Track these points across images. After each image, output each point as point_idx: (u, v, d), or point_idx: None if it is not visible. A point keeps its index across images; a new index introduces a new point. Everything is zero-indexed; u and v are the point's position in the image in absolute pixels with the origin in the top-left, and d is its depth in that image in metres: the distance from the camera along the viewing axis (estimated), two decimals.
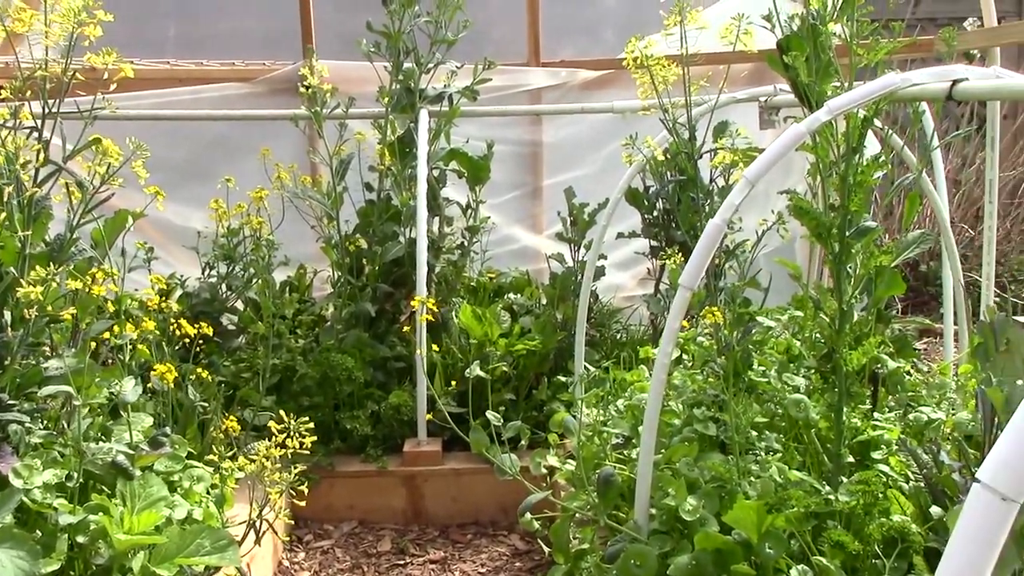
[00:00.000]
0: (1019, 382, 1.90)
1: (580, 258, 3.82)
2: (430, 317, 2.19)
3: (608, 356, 3.53)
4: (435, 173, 3.59)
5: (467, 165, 3.65)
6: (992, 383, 1.96)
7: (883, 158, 2.25)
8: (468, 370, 2.24)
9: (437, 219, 3.63)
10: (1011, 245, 5.34)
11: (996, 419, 1.96)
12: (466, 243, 3.75)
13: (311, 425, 2.23)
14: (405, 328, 2.61)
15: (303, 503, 2.39)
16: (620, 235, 3.76)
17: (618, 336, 3.85)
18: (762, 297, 3.30)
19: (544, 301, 3.80)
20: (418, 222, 3.24)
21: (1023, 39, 3.37)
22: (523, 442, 3.07)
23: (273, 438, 2.19)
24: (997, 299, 5.06)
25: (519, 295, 3.83)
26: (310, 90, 3.47)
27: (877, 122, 2.40)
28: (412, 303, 2.21)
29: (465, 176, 3.71)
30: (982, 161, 4.65)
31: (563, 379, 3.11)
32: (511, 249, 4.34)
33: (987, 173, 3.19)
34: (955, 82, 2.03)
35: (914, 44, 3.04)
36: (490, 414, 2.08)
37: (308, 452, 2.25)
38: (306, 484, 2.26)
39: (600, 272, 3.74)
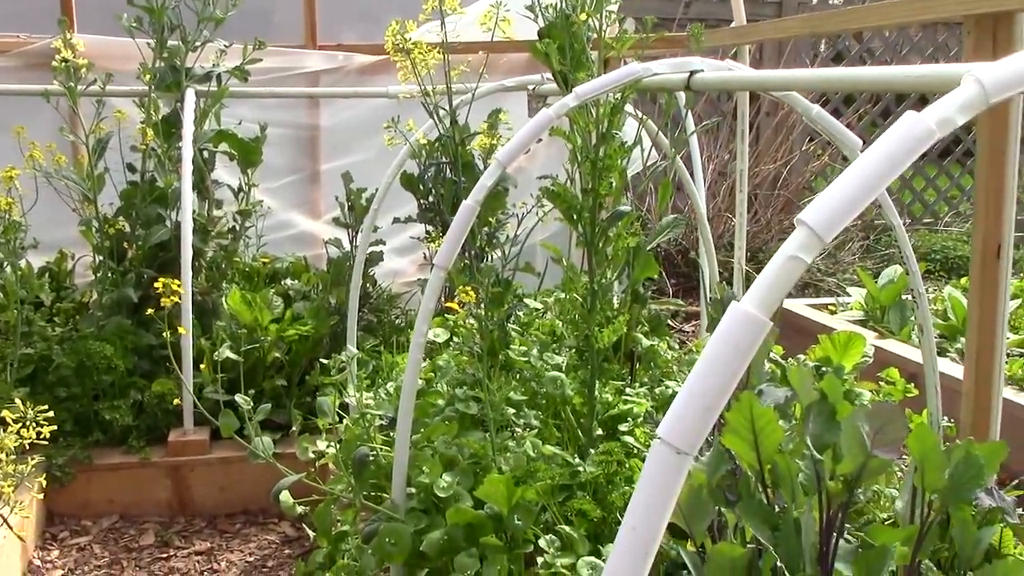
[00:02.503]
0: None
1: (358, 243, 3.79)
2: (176, 299, 2.11)
3: (386, 341, 3.52)
4: (204, 155, 3.48)
5: (237, 147, 3.56)
6: None
7: (634, 145, 2.37)
8: (216, 353, 2.18)
9: (206, 202, 3.52)
10: (771, 234, 5.71)
11: None
12: (238, 227, 3.65)
13: (51, 414, 2.12)
14: (149, 311, 2.45)
15: (42, 495, 2.27)
16: (396, 220, 3.75)
17: (396, 321, 3.86)
18: (538, 281, 3.39)
19: (321, 287, 3.75)
20: (183, 204, 3.13)
21: (764, 37, 3.65)
22: (295, 427, 3.03)
23: (8, 428, 2.07)
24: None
25: (296, 280, 3.77)
26: (65, 64, 3.28)
27: (630, 108, 2.52)
28: (156, 285, 2.11)
29: (236, 159, 3.61)
30: (750, 155, 4.95)
31: (325, 362, 3.09)
32: (289, 234, 4.27)
33: (738, 164, 3.40)
34: (692, 73, 2.16)
35: (666, 40, 3.19)
36: (239, 397, 2.04)
37: (52, 444, 2.15)
38: (45, 476, 2.14)
39: (378, 257, 3.74)
